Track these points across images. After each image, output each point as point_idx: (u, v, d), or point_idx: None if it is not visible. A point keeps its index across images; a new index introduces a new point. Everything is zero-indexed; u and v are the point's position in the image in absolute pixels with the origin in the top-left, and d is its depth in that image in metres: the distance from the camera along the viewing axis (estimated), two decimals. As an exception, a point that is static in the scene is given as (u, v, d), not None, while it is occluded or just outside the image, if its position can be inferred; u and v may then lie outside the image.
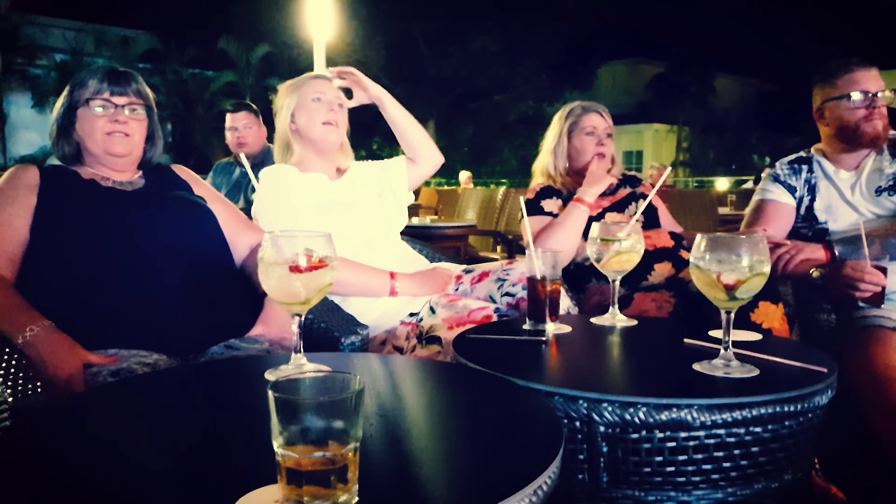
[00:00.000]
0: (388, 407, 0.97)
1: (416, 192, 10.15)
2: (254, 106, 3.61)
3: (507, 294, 1.78)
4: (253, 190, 3.11)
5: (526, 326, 1.43)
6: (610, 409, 1.00)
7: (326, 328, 1.53)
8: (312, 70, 3.24)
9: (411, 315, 1.74)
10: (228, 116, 3.52)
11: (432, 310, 1.69)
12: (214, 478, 0.72)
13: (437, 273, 1.87)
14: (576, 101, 2.34)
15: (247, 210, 2.13)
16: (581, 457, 1.05)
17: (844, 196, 2.01)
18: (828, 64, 2.03)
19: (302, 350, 1.07)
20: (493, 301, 1.78)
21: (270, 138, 2.40)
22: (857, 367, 1.61)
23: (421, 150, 2.10)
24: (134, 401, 1.01)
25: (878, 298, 1.73)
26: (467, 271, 1.94)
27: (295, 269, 0.99)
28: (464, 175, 12.19)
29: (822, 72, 2.04)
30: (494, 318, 1.63)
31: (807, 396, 1.03)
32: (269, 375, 1.05)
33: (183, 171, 1.73)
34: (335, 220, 1.82)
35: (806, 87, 2.13)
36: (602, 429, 1.01)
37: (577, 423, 1.03)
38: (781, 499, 1.06)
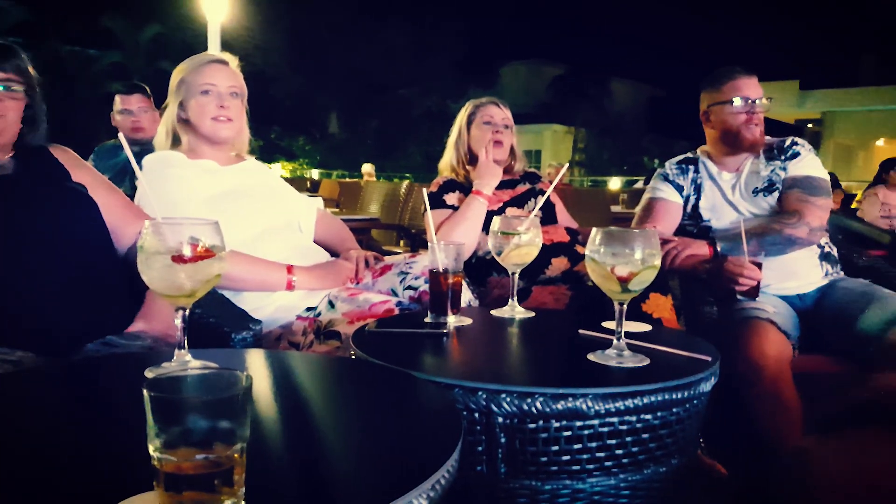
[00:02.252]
0: (281, 404, 0.93)
1: (317, 185, 9.95)
2: (147, 88, 3.40)
3: (410, 287, 1.76)
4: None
5: (428, 319, 1.42)
6: (508, 399, 1.00)
7: (216, 323, 1.46)
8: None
9: (309, 310, 1.69)
10: (119, 98, 3.30)
11: (331, 304, 1.65)
12: (84, 487, 0.65)
13: (337, 266, 1.83)
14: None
15: (133, 196, 2.00)
16: (480, 448, 1.04)
17: (726, 196, 2.13)
18: (715, 71, 2.15)
19: (187, 346, 1.00)
20: (396, 294, 1.76)
21: None
22: (736, 355, 1.71)
23: None
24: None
25: (754, 292, 1.84)
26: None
27: (178, 258, 0.93)
28: (367, 167, 12.06)
29: (710, 78, 2.15)
30: (396, 311, 1.61)
31: (693, 384, 1.07)
32: (150, 373, 0.97)
33: (62, 153, 1.56)
34: (228, 210, 1.73)
35: (693, 94, 2.24)
36: (501, 420, 1.02)
37: (477, 415, 1.02)
38: (670, 482, 1.10)
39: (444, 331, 1.35)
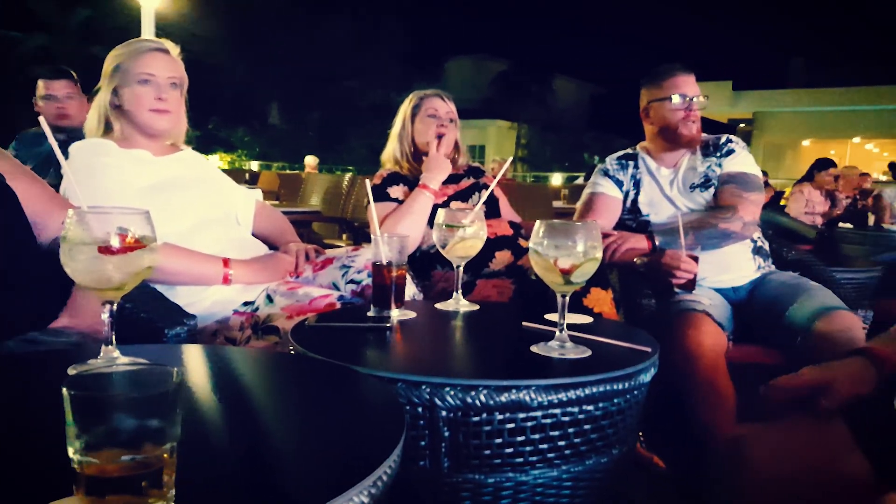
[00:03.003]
0: (217, 401, 0.89)
1: (256, 177, 9.72)
2: (74, 73, 3.24)
3: (352, 281, 1.73)
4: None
5: (370, 313, 1.40)
6: (452, 393, 0.99)
7: (148, 318, 1.39)
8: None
9: (246, 304, 1.64)
10: (43, 83, 3.13)
11: (270, 298, 1.61)
12: (-1, 492, 0.61)
13: (276, 259, 1.78)
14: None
15: (57, 186, 1.90)
16: (423, 443, 1.03)
17: (664, 191, 2.18)
18: (656, 68, 2.19)
19: (115, 342, 0.95)
20: (337, 289, 1.73)
21: None
22: (673, 347, 1.75)
23: None
24: None
25: (691, 284, 1.89)
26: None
27: (106, 249, 0.88)
28: (310, 160, 11.85)
29: (651, 75, 2.19)
30: (338, 305, 1.58)
31: (633, 374, 1.09)
32: (73, 371, 0.92)
33: None
34: (162, 201, 1.66)
35: (632, 93, 2.28)
36: (444, 413, 1.01)
37: (420, 409, 1.01)
38: (610, 472, 1.12)
39: (387, 325, 1.33)
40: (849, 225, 5.58)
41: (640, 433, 1.80)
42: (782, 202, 6.76)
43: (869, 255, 3.41)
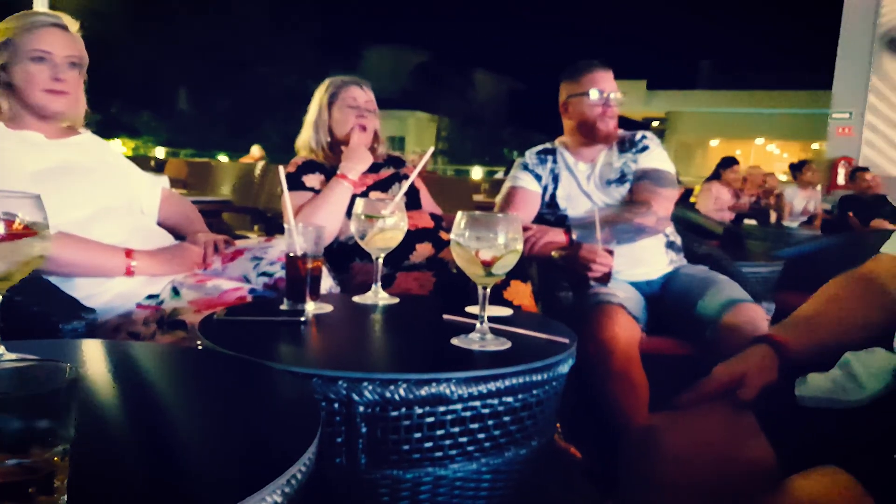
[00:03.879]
0: (118, 399, 0.83)
1: (162, 164, 9.29)
2: None
3: (265, 274, 1.67)
4: None
5: (284, 307, 1.35)
6: (370, 388, 0.96)
7: (41, 312, 1.29)
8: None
9: (150, 297, 1.55)
10: None
11: (176, 291, 1.53)
12: None
13: (184, 250, 1.69)
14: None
15: None
16: (339, 439, 1.00)
17: (581, 186, 2.21)
18: (575, 63, 2.22)
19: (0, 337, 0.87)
20: (249, 281, 1.66)
21: None
22: (589, 338, 1.78)
23: None
24: None
25: (606, 278, 1.93)
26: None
27: (-12, 236, 0.80)
28: (255, 150, 11.33)
29: (570, 70, 2.22)
30: (249, 298, 1.52)
31: (552, 366, 1.09)
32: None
33: None
34: (57, 187, 1.54)
35: (550, 90, 2.30)
36: (362, 409, 0.98)
37: (336, 405, 0.98)
38: (529, 464, 1.12)
39: (302, 318, 1.28)
40: (753, 222, 5.90)
41: (558, 424, 1.82)
42: (692, 199, 7.08)
43: (771, 251, 3.61)
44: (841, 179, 7.49)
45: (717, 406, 1.12)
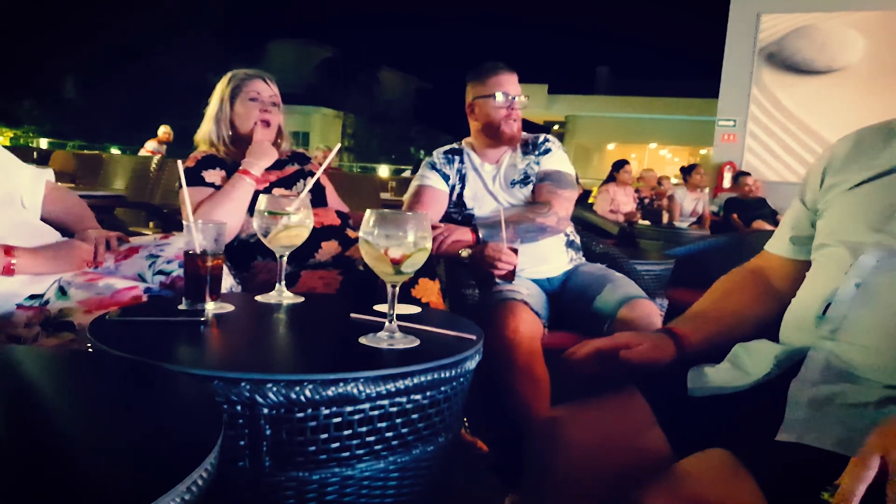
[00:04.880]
0: (-6, 409, 0.77)
1: (47, 156, 8.68)
2: None
3: (161, 272, 1.59)
4: None
5: (182, 306, 1.29)
6: (275, 389, 0.94)
7: None
8: None
9: (33, 297, 1.45)
10: None
11: (63, 291, 1.43)
12: None
13: (71, 248, 1.59)
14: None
15: None
16: (242, 443, 0.97)
17: (487, 186, 2.25)
18: (481, 65, 2.26)
19: None
20: (144, 280, 1.58)
21: None
22: (494, 334, 1.82)
23: None
24: None
25: (511, 275, 1.97)
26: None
27: None
28: (163, 131, 10.68)
29: (476, 71, 2.25)
30: (145, 298, 1.45)
31: (460, 362, 1.11)
32: None
33: None
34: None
35: (456, 91, 2.33)
36: (266, 411, 0.95)
37: (239, 408, 0.95)
38: (437, 460, 1.13)
39: (202, 318, 1.23)
40: (646, 222, 6.20)
41: (465, 419, 1.85)
42: (590, 200, 7.35)
43: (663, 250, 3.81)
44: (726, 183, 7.99)
45: (614, 398, 1.17)
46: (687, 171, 7.18)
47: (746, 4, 8.15)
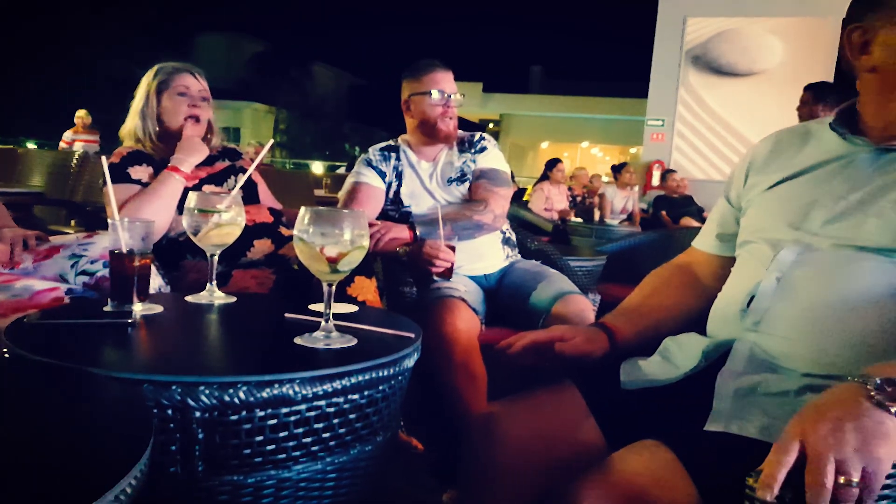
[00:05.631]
0: None
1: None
2: None
3: (85, 273, 1.53)
4: None
5: (108, 308, 1.24)
6: (207, 391, 0.91)
7: None
8: None
9: (-56, 299, 1.36)
10: None
11: (-23, 292, 1.35)
12: None
13: (-14, 246, 1.50)
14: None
15: None
16: (174, 448, 0.94)
17: (424, 184, 2.25)
18: (417, 62, 2.25)
19: None
20: (66, 281, 1.51)
21: None
22: (431, 331, 1.82)
23: None
24: None
25: (449, 273, 1.98)
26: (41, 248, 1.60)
27: None
28: (80, 117, 10.10)
29: (412, 68, 2.25)
30: (67, 300, 1.38)
31: (398, 360, 1.10)
32: None
33: None
34: None
35: (391, 88, 2.32)
36: (198, 414, 0.93)
37: (170, 412, 0.92)
38: (374, 460, 1.12)
39: (129, 320, 1.19)
40: (579, 219, 6.34)
41: (401, 419, 1.85)
42: (525, 198, 7.46)
43: (594, 247, 3.90)
44: (655, 181, 8.25)
45: (549, 393, 1.19)
46: (617, 170, 7.38)
47: (673, 8, 8.42)
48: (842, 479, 0.72)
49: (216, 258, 1.43)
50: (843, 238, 1.02)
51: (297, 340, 1.12)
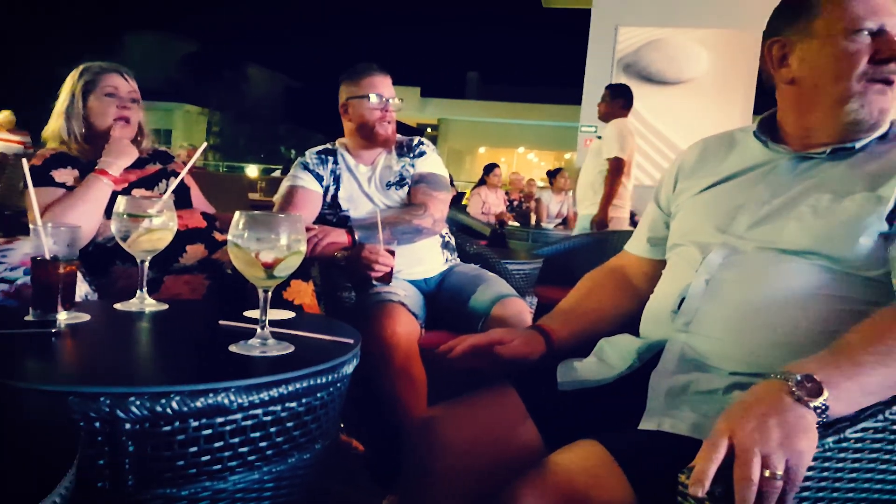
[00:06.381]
0: None
1: None
2: None
3: (3, 280, 1.45)
4: None
5: (30, 317, 1.18)
6: (138, 402, 0.88)
7: None
8: None
9: None
10: None
11: None
12: None
13: None
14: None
15: None
16: (102, 462, 0.90)
17: (363, 188, 2.24)
18: (355, 66, 2.24)
19: None
20: (-17, 289, 1.43)
21: None
22: (371, 336, 1.81)
23: None
24: None
25: (388, 277, 1.98)
26: None
27: None
28: (3, 117, 9.49)
29: (350, 71, 2.24)
30: (-16, 309, 1.31)
31: (337, 367, 1.09)
32: None
33: None
34: None
35: (329, 91, 2.30)
36: (128, 426, 0.89)
37: (98, 424, 0.88)
38: (313, 467, 1.11)
39: (53, 330, 1.14)
40: (516, 223, 6.43)
41: (341, 423, 1.83)
42: (464, 202, 7.51)
43: (531, 250, 3.96)
44: (589, 186, 8.41)
45: (488, 395, 1.20)
46: (552, 175, 7.52)
47: (606, 17, 8.64)
48: (767, 473, 0.75)
49: (147, 264, 1.39)
50: (767, 241, 1.07)
51: (233, 348, 1.09)
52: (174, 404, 0.90)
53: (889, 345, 0.86)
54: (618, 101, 4.60)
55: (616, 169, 4.38)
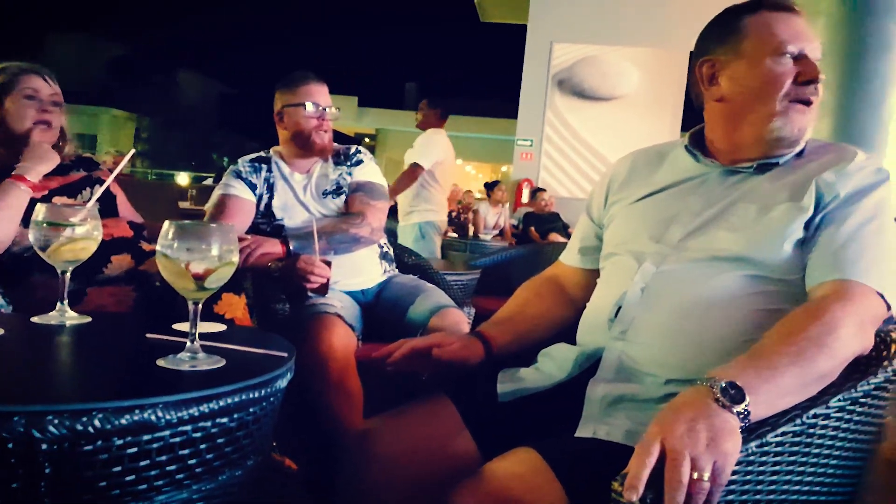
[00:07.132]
0: None
1: None
2: None
3: None
4: None
5: (-64, 331, 1.11)
6: (56, 421, 0.84)
7: None
8: None
9: None
10: None
11: None
12: None
13: None
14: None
15: None
16: (16, 485, 0.85)
17: (298, 196, 2.21)
18: (291, 74, 2.21)
19: None
20: None
21: None
22: (306, 349, 1.78)
23: None
24: None
25: (324, 289, 1.95)
26: None
27: None
28: None
29: (286, 80, 2.21)
30: None
31: (270, 381, 1.06)
32: None
33: None
34: None
35: (264, 99, 2.26)
36: (45, 446, 0.84)
37: (12, 445, 0.83)
38: (245, 485, 1.07)
39: (-36, 344, 1.07)
40: (454, 235, 6.45)
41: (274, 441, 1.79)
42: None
43: (469, 261, 3.99)
44: (525, 198, 8.54)
45: (424, 406, 1.20)
46: (490, 187, 7.60)
47: (541, 33, 8.82)
48: (695, 475, 0.77)
49: (68, 275, 1.33)
50: (700, 250, 1.11)
51: (160, 362, 1.05)
52: (96, 422, 0.86)
53: (800, 345, 0.91)
54: (435, 110, 4.79)
55: (410, 173, 4.50)
